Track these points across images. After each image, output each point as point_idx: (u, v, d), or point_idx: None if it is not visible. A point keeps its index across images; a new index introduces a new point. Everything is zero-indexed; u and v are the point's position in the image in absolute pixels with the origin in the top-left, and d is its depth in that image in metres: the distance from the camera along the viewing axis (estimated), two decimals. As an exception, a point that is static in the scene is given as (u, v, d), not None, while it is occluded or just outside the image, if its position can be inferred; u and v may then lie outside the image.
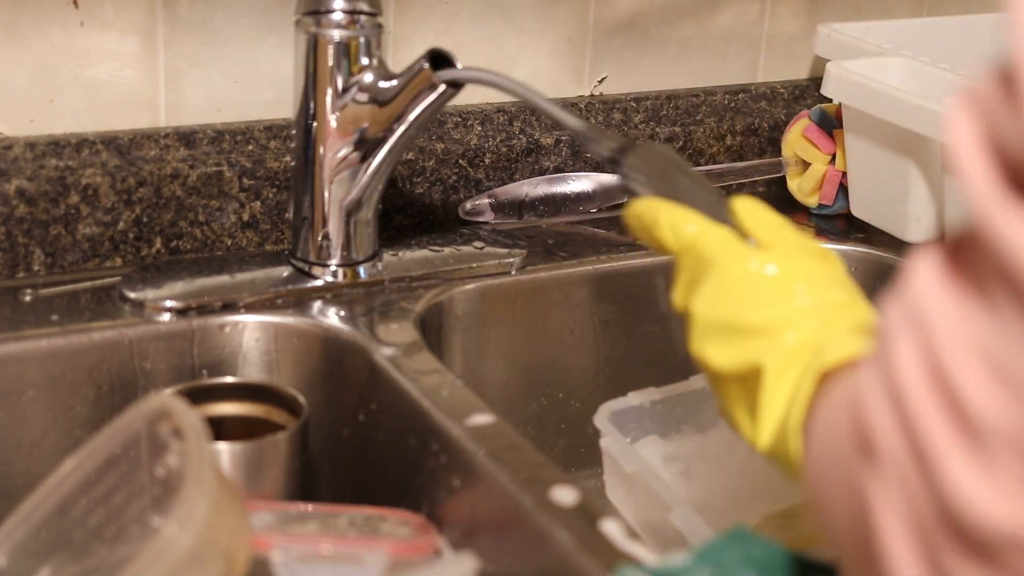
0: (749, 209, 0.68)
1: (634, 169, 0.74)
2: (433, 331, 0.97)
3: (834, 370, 0.58)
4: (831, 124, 1.18)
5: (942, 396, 0.40)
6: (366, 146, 0.94)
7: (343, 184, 0.95)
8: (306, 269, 0.98)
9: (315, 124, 0.94)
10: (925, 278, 0.42)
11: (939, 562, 0.40)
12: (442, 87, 0.91)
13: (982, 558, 0.39)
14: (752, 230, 0.67)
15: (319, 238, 0.97)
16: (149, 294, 0.93)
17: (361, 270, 0.98)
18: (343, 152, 0.94)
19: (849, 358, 0.58)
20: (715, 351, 0.63)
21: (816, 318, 0.61)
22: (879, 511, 0.42)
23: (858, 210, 1.17)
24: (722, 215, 0.68)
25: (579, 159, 1.15)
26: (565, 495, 0.73)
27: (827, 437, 0.50)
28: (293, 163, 0.97)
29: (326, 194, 0.96)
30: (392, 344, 0.90)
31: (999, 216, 0.38)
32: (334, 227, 0.96)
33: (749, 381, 0.62)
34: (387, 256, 1.01)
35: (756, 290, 0.63)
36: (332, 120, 0.94)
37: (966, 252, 0.41)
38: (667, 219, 0.67)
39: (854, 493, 0.45)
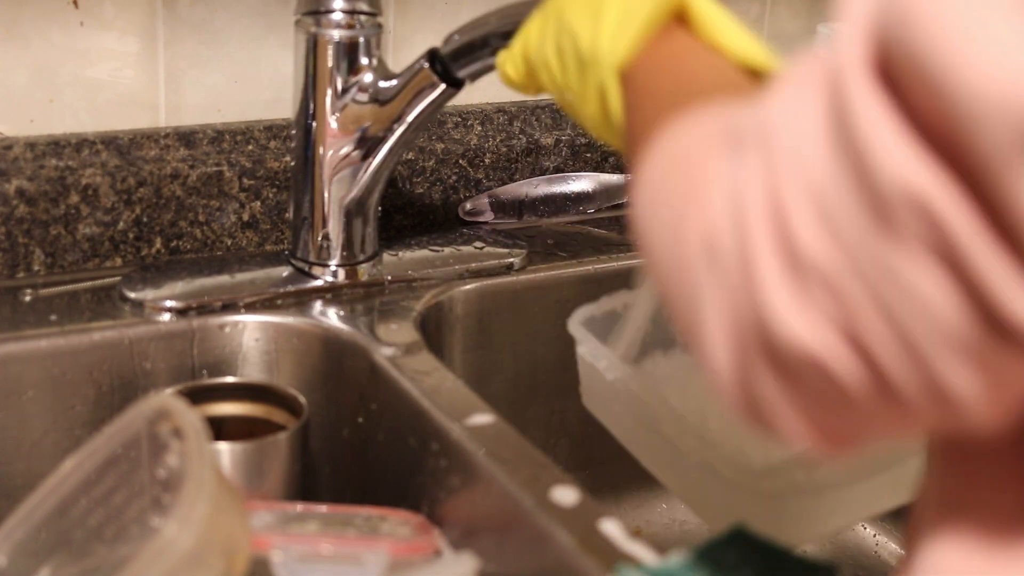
0: None
1: None
2: (433, 331, 0.97)
3: (636, 61, 0.68)
4: (831, 124, 1.18)
5: (775, 225, 0.46)
6: (366, 146, 0.94)
7: (343, 184, 0.95)
8: (306, 269, 0.98)
9: (315, 124, 0.94)
10: (789, 98, 0.47)
11: (748, 363, 0.48)
12: (442, 86, 0.91)
13: (783, 370, 0.47)
14: None
15: (319, 238, 0.97)
16: (149, 294, 0.93)
17: (361, 270, 0.98)
18: (343, 152, 0.94)
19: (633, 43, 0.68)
20: None
21: None
22: (707, 299, 0.49)
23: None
24: None
25: (579, 159, 1.15)
26: (565, 495, 0.73)
27: (663, 206, 0.55)
28: (293, 163, 0.97)
29: (326, 194, 0.96)
30: (392, 344, 0.90)
31: (856, 95, 0.43)
32: (334, 227, 0.96)
33: None
34: (387, 256, 1.01)
35: None
36: (332, 120, 0.94)
37: (831, 96, 0.46)
38: None
39: (688, 279, 0.51)
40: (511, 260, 1.03)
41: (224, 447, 0.82)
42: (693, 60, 0.68)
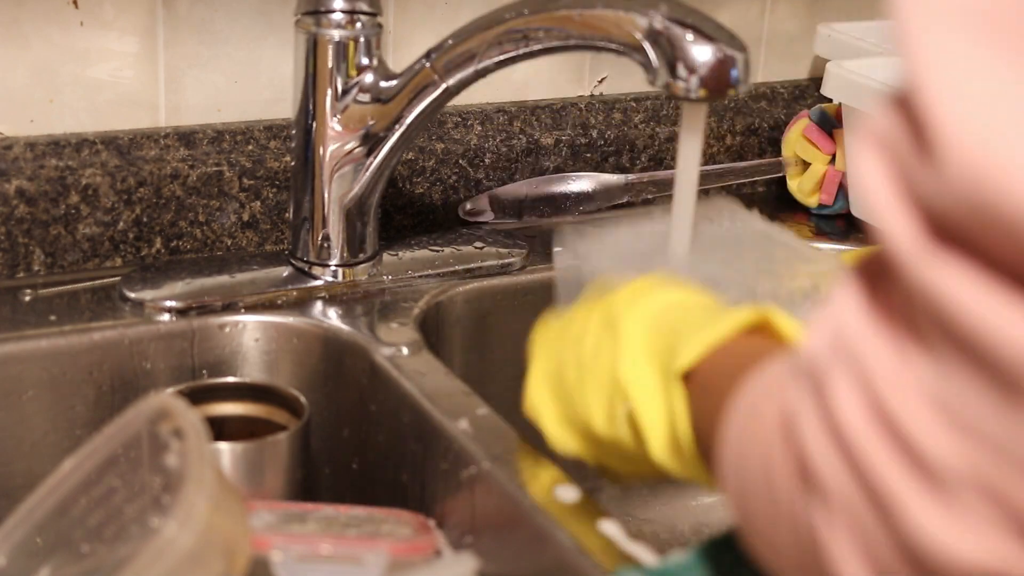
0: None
1: None
2: (433, 331, 0.97)
3: (699, 368, 0.59)
4: (831, 124, 1.18)
5: (893, 441, 0.40)
6: (366, 146, 0.94)
7: (343, 184, 0.95)
8: (306, 269, 0.98)
9: (315, 124, 0.94)
10: (851, 312, 0.43)
11: None
12: (442, 86, 0.91)
13: None
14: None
15: (319, 238, 0.97)
16: (149, 294, 0.93)
17: (361, 270, 0.98)
18: (343, 152, 0.94)
19: (706, 350, 0.59)
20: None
21: (644, 347, 0.62)
22: (834, 549, 0.43)
23: (858, 210, 1.17)
24: None
25: (579, 159, 1.15)
26: (565, 495, 0.73)
27: (750, 462, 0.50)
28: (293, 163, 0.97)
29: (326, 194, 0.96)
30: (392, 344, 0.90)
31: (927, 270, 0.38)
32: (334, 227, 0.96)
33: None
34: (387, 256, 1.01)
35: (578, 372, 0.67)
36: (332, 120, 0.94)
37: (888, 288, 0.42)
38: None
39: (797, 522, 0.45)
40: (511, 260, 1.03)
41: (224, 447, 0.82)
42: (762, 345, 0.58)
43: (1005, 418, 0.37)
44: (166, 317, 0.92)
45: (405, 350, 0.89)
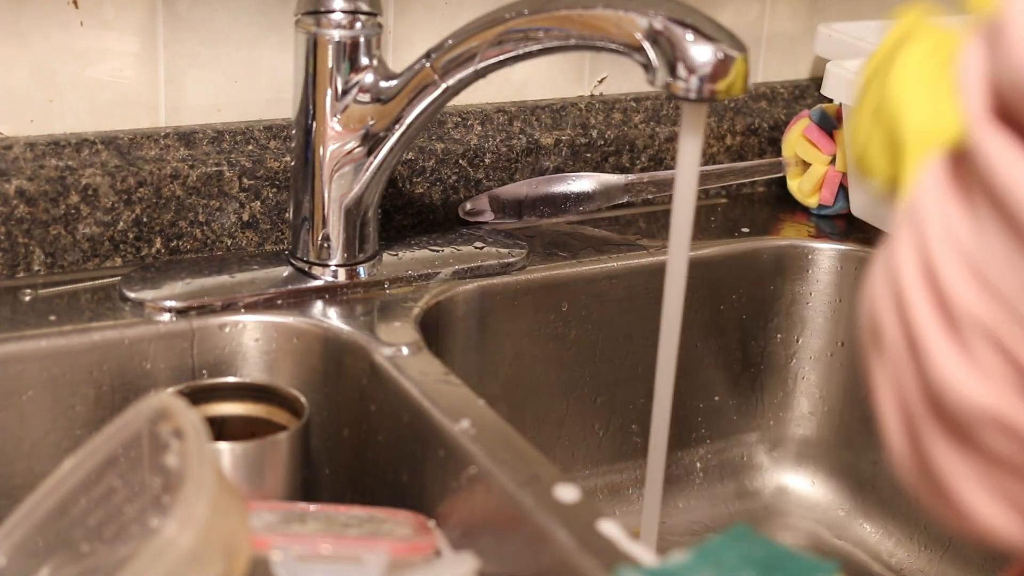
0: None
1: None
2: (433, 331, 0.97)
3: None
4: (831, 124, 1.18)
5: (931, 292, 0.46)
6: (366, 146, 0.94)
7: (343, 184, 0.95)
8: (306, 269, 0.98)
9: (315, 124, 0.94)
10: (927, 183, 0.48)
11: (918, 432, 0.47)
12: (442, 86, 0.91)
13: (958, 435, 0.46)
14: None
15: (319, 238, 0.97)
16: (149, 294, 0.93)
17: (361, 270, 0.98)
18: (343, 152, 0.94)
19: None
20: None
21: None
22: (880, 390, 0.49)
23: (858, 210, 1.17)
24: None
25: (579, 159, 1.15)
26: (565, 494, 0.73)
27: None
28: (293, 163, 0.97)
29: (326, 194, 0.96)
30: (392, 344, 0.90)
31: (984, 139, 0.44)
32: (334, 227, 0.96)
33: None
34: (387, 256, 1.01)
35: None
36: (332, 120, 0.94)
37: (962, 165, 0.48)
38: None
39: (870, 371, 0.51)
40: (511, 260, 1.03)
41: (224, 447, 0.82)
42: None
43: (1020, 278, 0.43)
44: (166, 317, 0.92)
45: (405, 350, 0.89)
